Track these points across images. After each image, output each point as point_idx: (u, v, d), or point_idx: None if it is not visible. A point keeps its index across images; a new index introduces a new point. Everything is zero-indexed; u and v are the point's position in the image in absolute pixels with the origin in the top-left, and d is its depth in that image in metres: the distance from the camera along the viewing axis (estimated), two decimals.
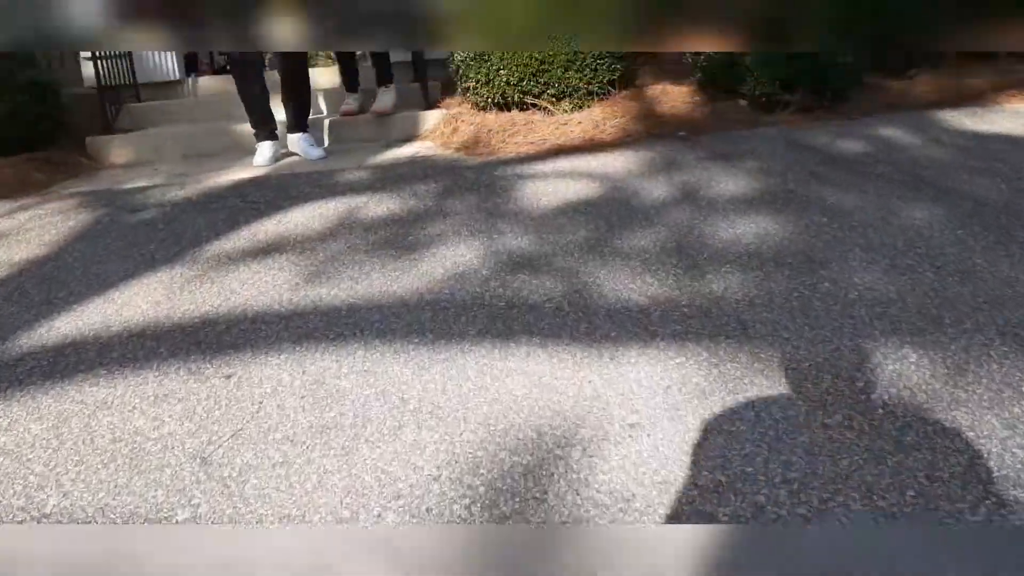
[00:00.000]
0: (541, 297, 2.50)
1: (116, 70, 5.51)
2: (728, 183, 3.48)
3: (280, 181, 4.11)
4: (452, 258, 2.87)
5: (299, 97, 4.72)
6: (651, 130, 4.47)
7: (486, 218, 3.27)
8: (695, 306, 2.37)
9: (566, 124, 4.64)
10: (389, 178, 4.04)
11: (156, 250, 3.18)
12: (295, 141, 4.75)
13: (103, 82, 5.25)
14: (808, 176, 3.51)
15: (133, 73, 5.84)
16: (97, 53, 5.18)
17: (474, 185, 3.77)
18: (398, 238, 3.11)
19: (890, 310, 2.26)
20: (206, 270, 2.93)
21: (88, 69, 5.71)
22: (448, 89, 5.80)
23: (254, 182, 4.16)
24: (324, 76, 6.18)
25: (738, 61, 4.67)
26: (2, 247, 3.37)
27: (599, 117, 4.67)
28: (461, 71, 5.07)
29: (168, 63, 5.96)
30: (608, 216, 3.18)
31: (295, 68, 4.65)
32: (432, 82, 5.65)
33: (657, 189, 3.49)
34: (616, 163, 3.93)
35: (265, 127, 4.68)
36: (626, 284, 2.56)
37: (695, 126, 4.49)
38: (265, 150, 4.63)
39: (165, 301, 2.67)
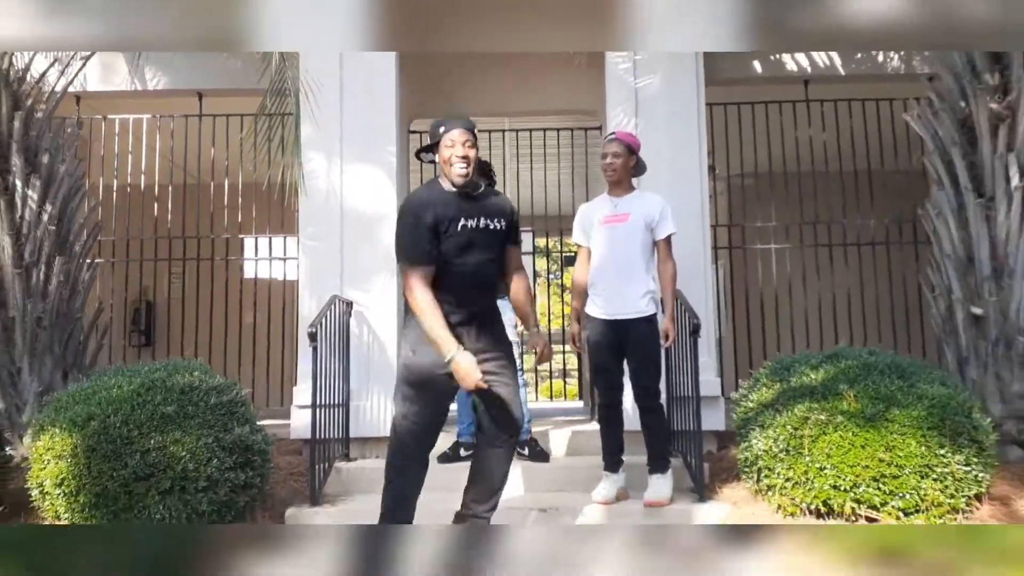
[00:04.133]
0: None
1: (330, 421, 4.72)
2: None
3: None
4: None
5: (501, 482, 3.53)
6: None
7: None
8: None
9: None
10: None
11: None
12: None
13: (317, 435, 4.41)
14: None
15: (347, 426, 5.05)
16: (318, 400, 4.40)
17: None
18: None
19: None
20: None
21: (303, 418, 4.97)
22: (721, 472, 4.63)
23: None
24: (561, 439, 5.18)
25: None
26: None
27: None
28: (762, 462, 3.90)
29: (386, 417, 5.15)
30: None
31: (510, 451, 3.50)
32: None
33: None
34: None
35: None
36: None
37: None
38: None
39: None
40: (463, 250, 3.26)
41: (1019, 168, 4.67)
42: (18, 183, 4.88)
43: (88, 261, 5.28)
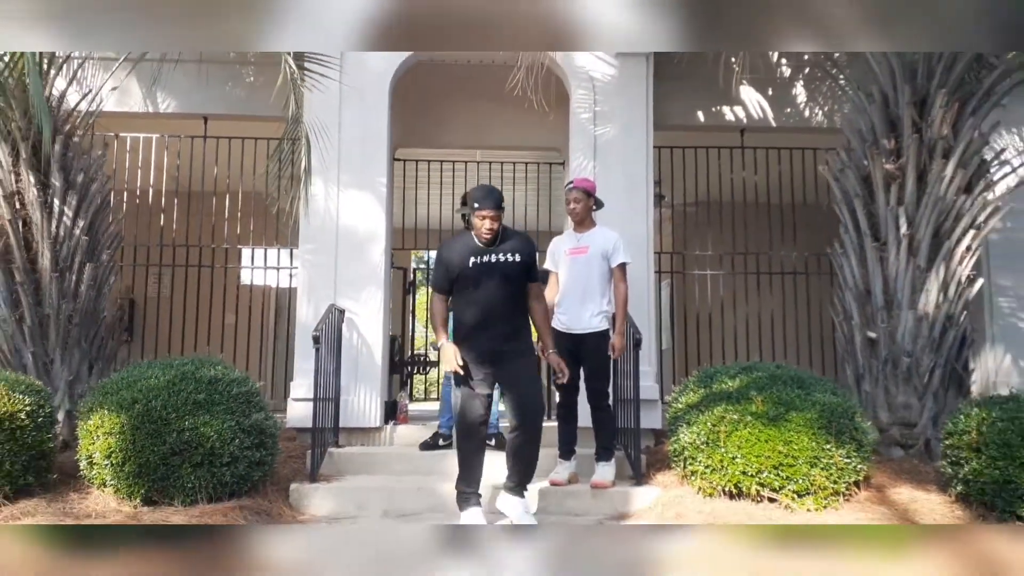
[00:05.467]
0: None
1: (323, 413, 5.49)
2: None
3: None
4: None
5: (529, 460, 4.48)
6: None
7: None
8: None
9: None
10: None
11: None
12: (512, 504, 4.44)
13: (317, 424, 5.19)
14: None
15: (337, 417, 5.82)
16: (319, 394, 5.18)
17: None
18: None
19: None
20: None
21: (298, 410, 5.75)
22: (656, 462, 5.51)
23: None
24: None
25: (1014, 479, 4.22)
26: None
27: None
28: (687, 453, 4.79)
29: (371, 410, 5.95)
30: None
31: (533, 434, 4.46)
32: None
33: None
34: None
35: (475, 489, 4.45)
36: None
37: None
38: (479, 518, 4.33)
39: None
40: (477, 280, 4.40)
41: (907, 219, 5.65)
42: (55, 200, 5.58)
43: (112, 265, 5.98)
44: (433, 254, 7.61)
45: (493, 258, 4.41)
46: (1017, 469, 4.22)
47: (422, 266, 12.29)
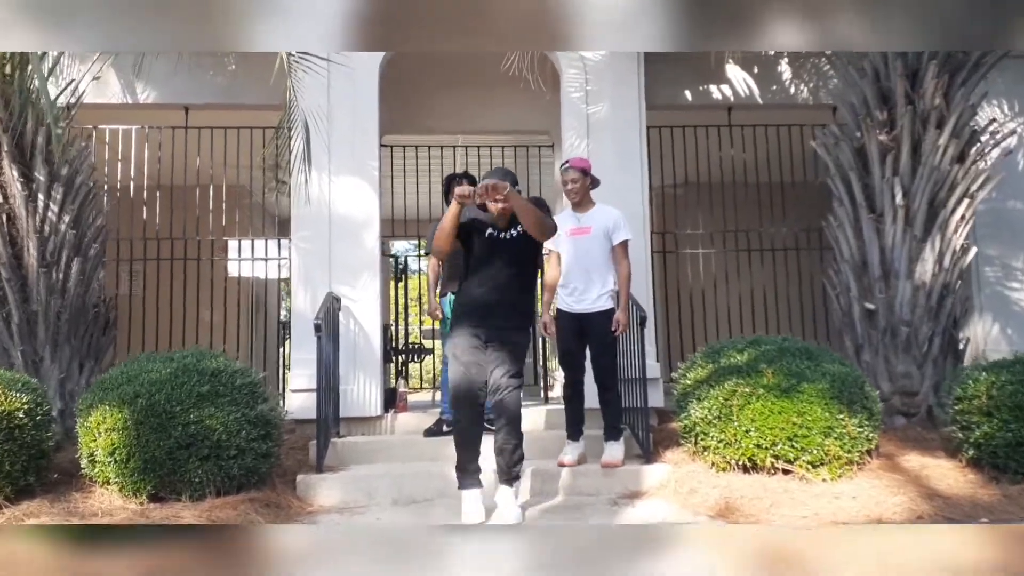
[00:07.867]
0: None
1: (325, 403, 5.39)
2: None
3: None
4: None
5: (511, 454, 4.35)
6: (943, 513, 3.98)
7: None
8: None
9: (837, 497, 4.19)
10: None
11: None
12: (501, 495, 4.32)
13: (321, 414, 5.10)
14: None
15: (337, 406, 5.73)
16: (321, 384, 5.08)
17: None
18: None
19: None
20: None
21: (297, 401, 5.66)
22: (663, 440, 5.50)
23: None
24: (528, 416, 5.96)
25: None
26: None
27: (872, 492, 4.23)
28: (699, 428, 4.78)
29: (371, 399, 5.87)
30: None
31: (513, 429, 4.35)
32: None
33: None
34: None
35: (475, 466, 4.33)
36: None
37: (991, 511, 4.00)
38: (474, 502, 4.26)
39: None
40: (487, 252, 4.38)
41: (902, 190, 5.69)
42: (40, 193, 5.41)
43: (99, 259, 5.82)
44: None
45: (503, 234, 4.38)
46: None
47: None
